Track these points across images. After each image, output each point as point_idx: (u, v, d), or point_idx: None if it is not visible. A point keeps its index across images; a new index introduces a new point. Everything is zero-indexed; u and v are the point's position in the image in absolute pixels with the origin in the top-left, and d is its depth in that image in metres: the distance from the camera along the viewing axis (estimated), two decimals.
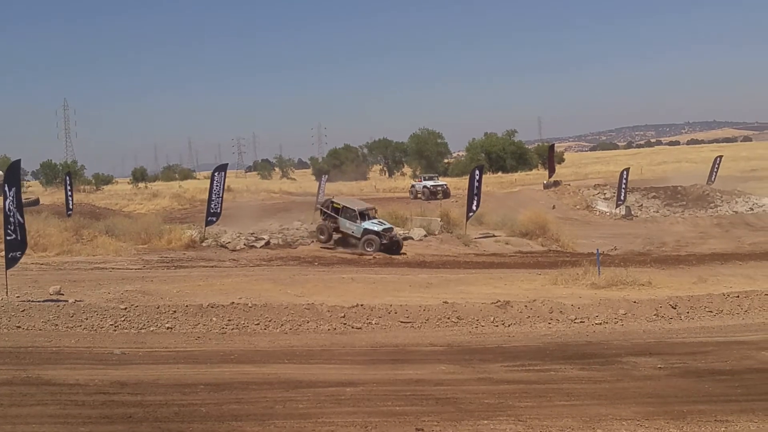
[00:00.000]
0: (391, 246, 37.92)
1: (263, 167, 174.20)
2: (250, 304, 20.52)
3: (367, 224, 38.61)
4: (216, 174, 41.71)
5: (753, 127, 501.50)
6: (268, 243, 38.56)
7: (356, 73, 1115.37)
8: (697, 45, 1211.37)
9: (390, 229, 38.92)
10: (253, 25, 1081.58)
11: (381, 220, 39.85)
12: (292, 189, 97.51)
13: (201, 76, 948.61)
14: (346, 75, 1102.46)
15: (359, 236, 38.43)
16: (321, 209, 40.61)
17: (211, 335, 18.54)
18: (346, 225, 39.12)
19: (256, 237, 39.32)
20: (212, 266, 32.16)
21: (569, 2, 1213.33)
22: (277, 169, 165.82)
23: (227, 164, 48.51)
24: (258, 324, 19.28)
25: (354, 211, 39.25)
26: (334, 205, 40.10)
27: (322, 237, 39.49)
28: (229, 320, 19.42)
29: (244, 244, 37.83)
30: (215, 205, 40.50)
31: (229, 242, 37.94)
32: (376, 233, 37.99)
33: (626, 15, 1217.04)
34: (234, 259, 34.39)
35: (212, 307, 20.24)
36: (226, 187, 46.36)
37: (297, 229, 42.73)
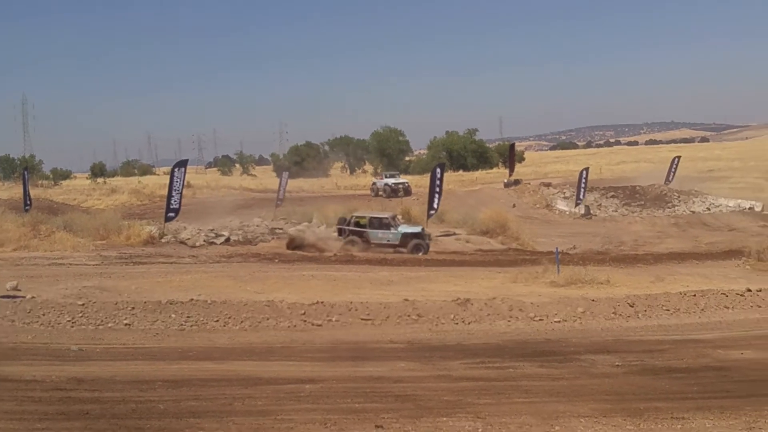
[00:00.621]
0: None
1: (224, 163, 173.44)
2: (209, 301, 20.43)
3: (404, 229, 39.08)
4: (176, 170, 41.54)
5: (710, 128, 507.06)
6: (228, 240, 38.46)
7: (318, 70, 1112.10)
8: (656, 46, 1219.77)
9: (424, 229, 39.46)
10: (213, 21, 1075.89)
11: (407, 224, 40.69)
12: (252, 186, 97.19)
13: (161, 71, 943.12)
14: (308, 72, 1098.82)
15: (397, 242, 38.37)
16: (343, 228, 39.46)
17: (170, 332, 18.43)
18: (379, 235, 38.72)
19: (216, 233, 39.21)
20: (171, 263, 31.97)
21: (528, 1, 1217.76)
22: (237, 166, 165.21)
23: (187, 160, 48.41)
24: (217, 321, 19.20)
25: (387, 219, 39.51)
26: (360, 220, 39.56)
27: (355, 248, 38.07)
28: (188, 317, 19.31)
29: (204, 241, 37.70)
30: (175, 201, 40.31)
31: (189, 239, 37.80)
32: (418, 235, 38.48)
33: (585, 15, 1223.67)
34: (193, 256, 34.20)
35: (171, 303, 20.11)
36: (186, 183, 46.20)
37: (257, 225, 42.71)
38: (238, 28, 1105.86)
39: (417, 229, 39.03)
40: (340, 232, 39.28)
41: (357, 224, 39.13)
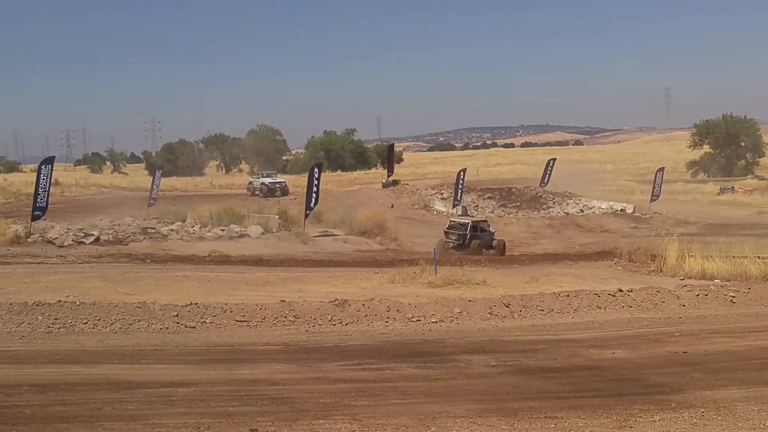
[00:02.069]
0: None
1: (94, 161, 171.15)
2: (78, 303, 19.86)
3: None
4: (43, 167, 40.53)
5: (584, 132, 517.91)
6: (98, 239, 37.54)
7: (192, 65, 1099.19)
8: (531, 50, 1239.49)
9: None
10: (83, 13, 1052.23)
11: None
12: (124, 184, 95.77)
13: (29, 64, 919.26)
14: (182, 67, 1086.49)
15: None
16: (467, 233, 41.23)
17: (37, 334, 17.88)
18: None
19: (85, 233, 38.25)
20: (38, 263, 31.05)
21: (404, 4, 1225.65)
22: (108, 163, 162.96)
23: (54, 157, 47.07)
24: (86, 323, 18.69)
25: (486, 221, 44.20)
26: (480, 224, 42.90)
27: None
28: (55, 319, 18.75)
29: (73, 240, 36.71)
30: (42, 200, 39.34)
31: (57, 238, 36.78)
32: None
33: (460, 17, 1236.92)
34: (61, 256, 33.26)
35: (38, 305, 19.50)
36: (53, 180, 45.17)
37: (129, 225, 41.87)
38: (109, 21, 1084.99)
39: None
40: (462, 235, 41.10)
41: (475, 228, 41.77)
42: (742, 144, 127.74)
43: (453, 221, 43.82)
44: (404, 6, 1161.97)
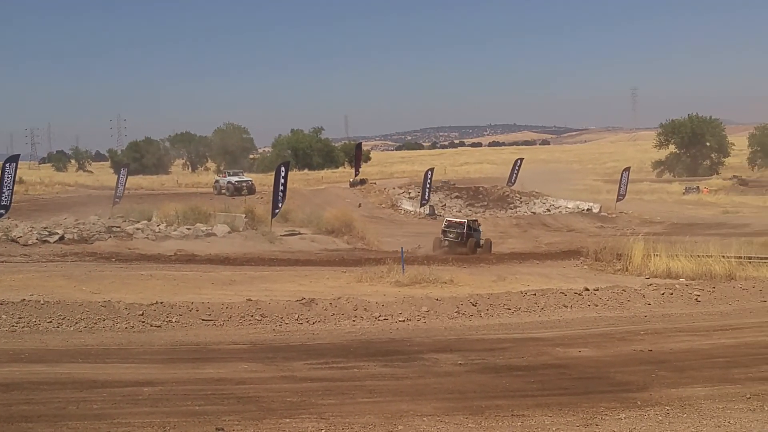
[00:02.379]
0: None
1: (58, 159, 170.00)
2: (42, 301, 19.69)
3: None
4: (7, 165, 40.39)
5: (551, 131, 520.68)
6: (62, 238, 37.26)
7: (158, 63, 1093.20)
8: (499, 50, 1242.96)
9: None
10: (47, 10, 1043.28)
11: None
12: (89, 182, 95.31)
13: None
14: (147, 65, 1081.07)
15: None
16: (464, 232, 43.16)
17: (0, 333, 17.62)
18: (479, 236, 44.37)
19: (49, 231, 37.94)
20: (2, 261, 30.83)
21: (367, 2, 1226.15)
22: (73, 161, 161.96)
23: (19, 155, 46.94)
24: (51, 322, 18.50)
25: (477, 221, 47.39)
26: (473, 223, 45.47)
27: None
28: (19, 318, 18.55)
29: (37, 239, 36.39)
30: (5, 198, 39.16)
31: (21, 236, 36.45)
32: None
33: (428, 16, 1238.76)
34: (25, 255, 33.05)
35: (2, 304, 19.30)
36: (17, 178, 44.90)
37: (94, 223, 41.60)
38: (73, 18, 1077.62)
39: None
40: (459, 234, 42.85)
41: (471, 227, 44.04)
42: (708, 144, 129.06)
43: (450, 221, 45.56)
44: (371, 6, 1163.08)
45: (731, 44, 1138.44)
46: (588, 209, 65.90)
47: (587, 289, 23.17)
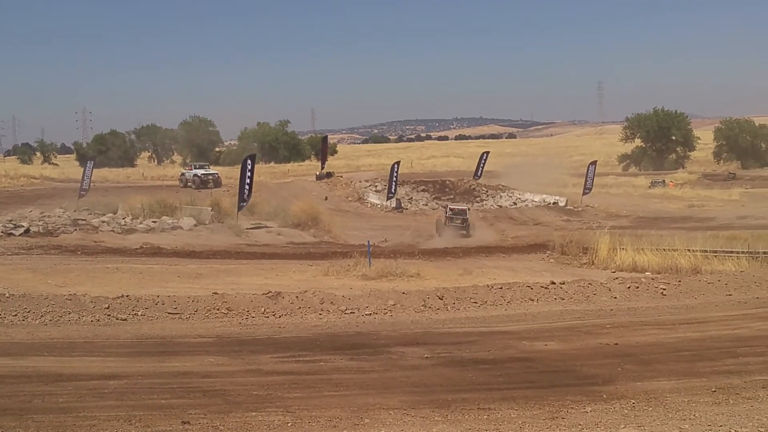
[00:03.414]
0: None
1: (24, 151, 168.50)
2: (7, 294, 19.54)
3: None
4: None
5: (517, 125, 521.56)
6: (27, 231, 37.06)
7: (124, 55, 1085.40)
8: (465, 42, 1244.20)
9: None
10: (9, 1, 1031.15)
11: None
12: (54, 175, 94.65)
13: None
14: (113, 57, 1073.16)
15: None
16: (467, 218, 50.20)
17: None
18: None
19: (14, 224, 37.75)
20: None
21: None
22: (38, 154, 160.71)
23: None
24: (16, 315, 18.38)
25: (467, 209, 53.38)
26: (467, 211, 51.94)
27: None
28: None
29: (2, 232, 36.19)
30: None
31: None
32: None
33: (394, 9, 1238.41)
34: None
35: None
36: None
37: (59, 216, 41.40)
38: (36, 9, 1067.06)
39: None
40: (453, 218, 49.51)
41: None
42: (673, 138, 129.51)
43: (453, 208, 51.72)
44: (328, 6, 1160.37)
45: (697, 38, 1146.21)
46: (554, 203, 66.13)
47: (553, 283, 23.20)
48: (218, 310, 19.59)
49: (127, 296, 19.96)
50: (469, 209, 54.32)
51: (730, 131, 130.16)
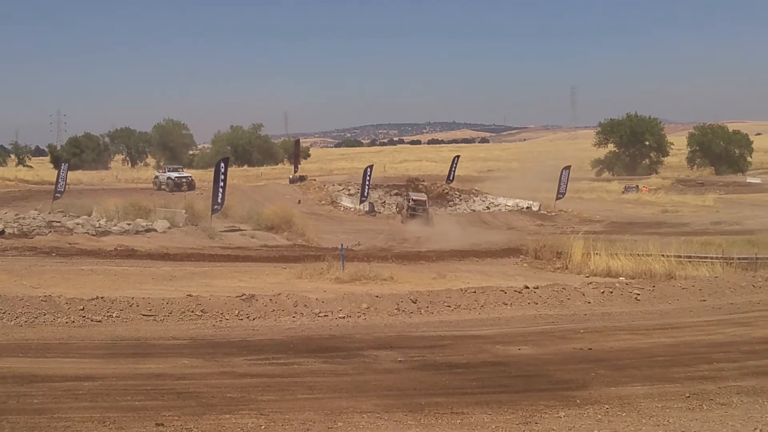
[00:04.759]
0: None
1: None
2: None
3: None
4: None
5: (490, 129, 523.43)
6: (2, 232, 36.96)
7: (97, 58, 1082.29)
8: (439, 47, 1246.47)
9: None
10: None
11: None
12: (28, 177, 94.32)
13: None
14: (87, 60, 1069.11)
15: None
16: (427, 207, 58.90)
17: None
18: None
19: None
20: None
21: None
22: (12, 156, 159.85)
23: None
24: None
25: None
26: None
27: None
28: None
29: None
30: None
31: None
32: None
33: (367, 14, 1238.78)
34: None
35: None
36: None
37: (34, 218, 41.26)
38: (12, 13, 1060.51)
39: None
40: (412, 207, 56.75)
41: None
42: (647, 143, 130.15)
43: (415, 199, 58.71)
44: (308, 2, 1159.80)
45: (670, 44, 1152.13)
46: (527, 207, 66.35)
47: (527, 287, 23.22)
48: (192, 312, 19.55)
49: (101, 298, 19.89)
50: (428, 199, 60.90)
51: (703, 137, 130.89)
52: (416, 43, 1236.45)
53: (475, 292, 22.51)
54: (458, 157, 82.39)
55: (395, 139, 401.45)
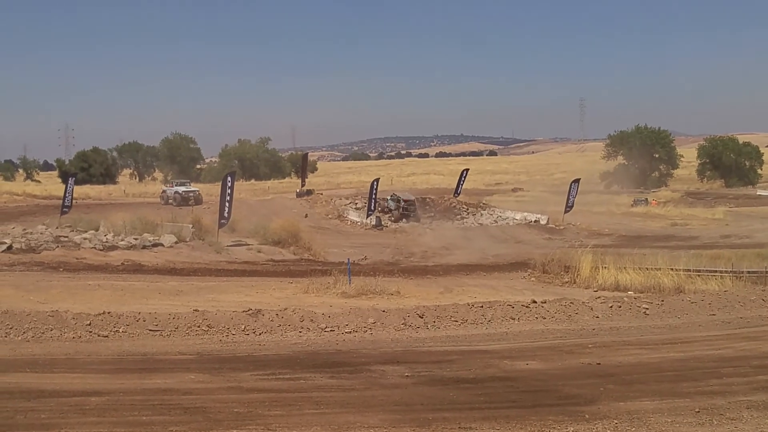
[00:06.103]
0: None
1: (6, 168, 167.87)
2: None
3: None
4: None
5: (498, 142, 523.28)
6: (10, 247, 36.92)
7: (107, 73, 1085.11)
8: (446, 60, 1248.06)
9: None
10: None
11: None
12: (37, 191, 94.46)
13: None
14: (97, 74, 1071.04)
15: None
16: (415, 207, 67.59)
17: None
18: None
19: None
20: None
21: (316, 12, 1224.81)
22: (21, 171, 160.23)
23: None
24: None
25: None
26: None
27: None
28: None
29: None
30: None
31: None
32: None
33: (375, 27, 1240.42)
34: None
35: None
36: None
37: (41, 233, 41.27)
38: (19, 24, 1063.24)
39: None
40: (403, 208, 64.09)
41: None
42: (656, 156, 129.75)
43: (406, 200, 65.63)
44: (317, 18, 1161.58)
45: (681, 56, 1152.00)
46: (536, 221, 66.26)
47: (535, 302, 23.15)
48: (199, 327, 19.52)
49: (108, 313, 19.89)
50: (415, 200, 69.84)
51: (713, 149, 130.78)
52: (424, 57, 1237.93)
53: (482, 306, 22.44)
54: (467, 170, 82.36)
55: (403, 152, 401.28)
